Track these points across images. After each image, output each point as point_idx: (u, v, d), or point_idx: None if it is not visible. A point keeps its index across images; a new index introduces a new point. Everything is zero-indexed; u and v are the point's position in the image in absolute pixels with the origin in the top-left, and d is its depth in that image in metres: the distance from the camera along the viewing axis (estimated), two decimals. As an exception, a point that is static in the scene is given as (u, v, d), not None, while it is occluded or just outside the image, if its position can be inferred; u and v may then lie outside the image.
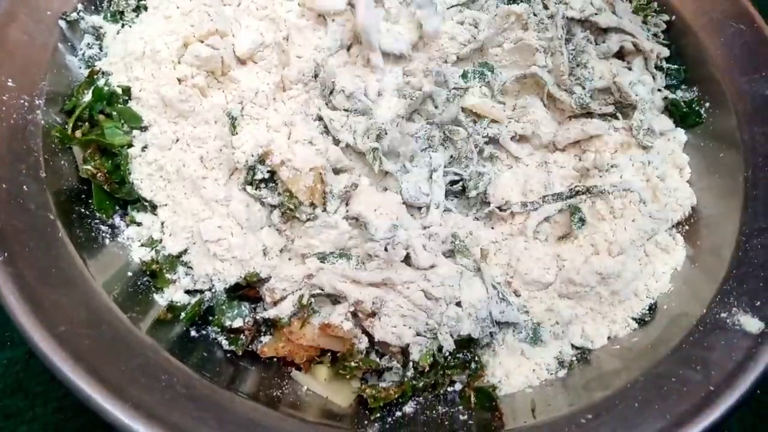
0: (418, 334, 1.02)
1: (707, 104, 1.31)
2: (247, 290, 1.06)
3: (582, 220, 1.13)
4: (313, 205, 1.02)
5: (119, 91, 1.11)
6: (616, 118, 1.25)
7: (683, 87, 1.36)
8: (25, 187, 0.96)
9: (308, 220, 1.03)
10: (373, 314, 1.02)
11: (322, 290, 1.02)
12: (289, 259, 1.07)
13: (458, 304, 1.05)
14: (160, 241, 1.07)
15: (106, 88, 1.10)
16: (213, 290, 1.04)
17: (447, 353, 1.03)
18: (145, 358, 0.89)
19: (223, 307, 1.04)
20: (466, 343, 1.05)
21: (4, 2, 1.05)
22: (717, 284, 1.09)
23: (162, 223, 1.08)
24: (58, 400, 1.09)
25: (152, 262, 1.05)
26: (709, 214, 1.22)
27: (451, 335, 1.03)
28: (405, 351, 1.03)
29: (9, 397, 1.09)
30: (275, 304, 1.04)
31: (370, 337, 1.03)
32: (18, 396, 1.08)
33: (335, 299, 1.04)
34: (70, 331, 0.84)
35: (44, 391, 1.09)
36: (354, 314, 1.03)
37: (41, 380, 1.09)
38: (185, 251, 1.06)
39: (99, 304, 0.92)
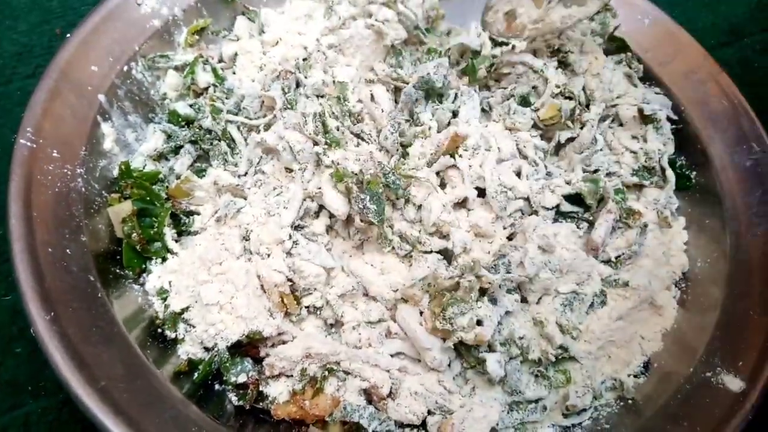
0: (430, 412, 1.05)
1: (694, 173, 1.38)
2: (248, 348, 1.09)
3: (603, 303, 1.19)
4: (288, 313, 1.09)
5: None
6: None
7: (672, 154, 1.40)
8: (68, 250, 1.02)
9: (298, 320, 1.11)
10: (387, 395, 1.05)
11: (338, 364, 1.05)
12: (293, 323, 1.10)
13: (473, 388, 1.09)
14: (168, 293, 1.11)
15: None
16: (216, 348, 1.05)
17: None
18: (176, 411, 0.95)
19: (227, 365, 1.05)
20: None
21: (50, 80, 1.12)
22: (703, 344, 1.15)
23: (170, 282, 1.12)
24: (88, 449, 1.12)
25: (156, 318, 1.10)
26: (696, 277, 1.28)
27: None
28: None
29: (41, 446, 1.12)
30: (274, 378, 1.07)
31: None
32: (50, 445, 1.12)
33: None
34: (111, 385, 0.90)
35: (75, 440, 1.13)
36: (365, 390, 1.06)
37: (74, 429, 1.13)
38: (188, 308, 1.08)
39: (134, 359, 0.99)
